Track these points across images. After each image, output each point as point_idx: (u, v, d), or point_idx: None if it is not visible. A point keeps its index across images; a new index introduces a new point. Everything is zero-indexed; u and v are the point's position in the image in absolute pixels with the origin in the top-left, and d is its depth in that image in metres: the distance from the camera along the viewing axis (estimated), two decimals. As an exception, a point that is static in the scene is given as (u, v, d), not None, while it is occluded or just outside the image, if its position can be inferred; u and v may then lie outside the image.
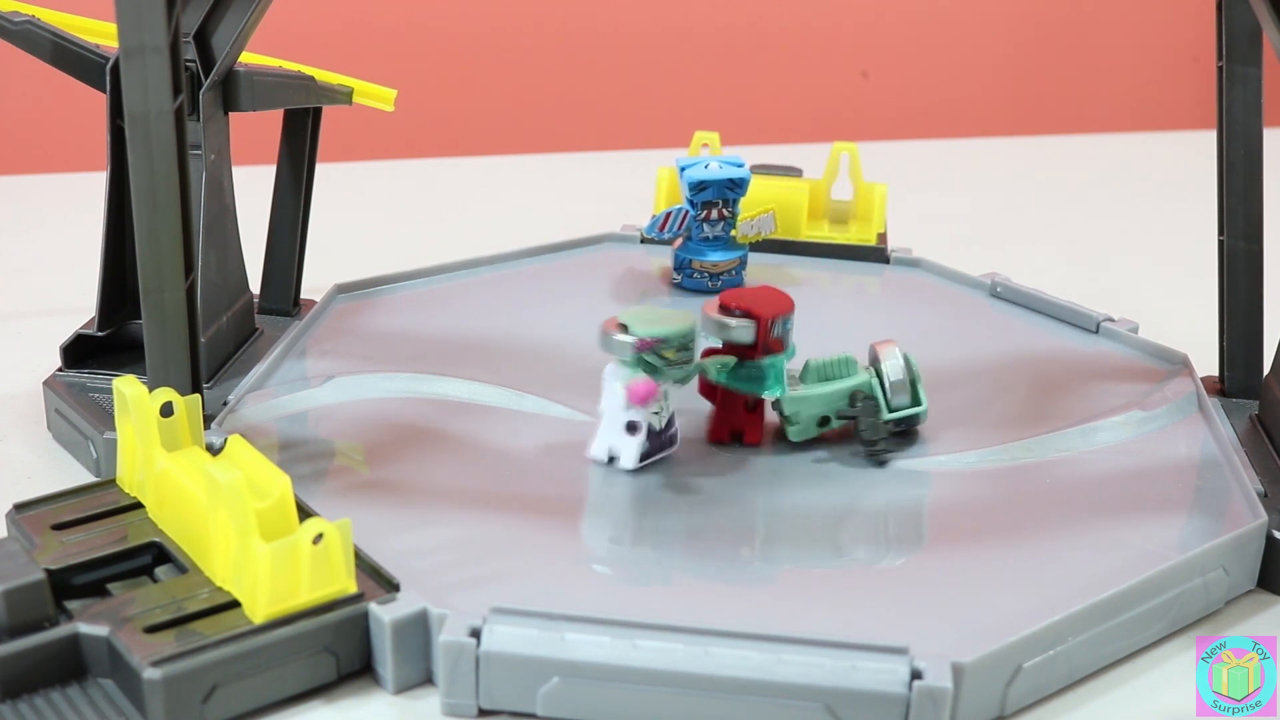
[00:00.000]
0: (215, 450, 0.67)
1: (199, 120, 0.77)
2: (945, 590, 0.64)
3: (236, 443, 0.63)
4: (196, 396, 0.67)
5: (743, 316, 0.73)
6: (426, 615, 0.59)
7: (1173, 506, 0.71)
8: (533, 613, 0.58)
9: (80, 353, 0.80)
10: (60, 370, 0.80)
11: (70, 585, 0.60)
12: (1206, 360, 0.86)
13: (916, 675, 0.56)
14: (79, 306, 0.88)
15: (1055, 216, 1.32)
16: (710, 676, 0.56)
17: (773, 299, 0.74)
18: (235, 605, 0.58)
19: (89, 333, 0.80)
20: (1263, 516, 0.68)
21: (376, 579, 0.60)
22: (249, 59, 0.83)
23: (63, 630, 0.57)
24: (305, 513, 0.63)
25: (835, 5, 1.69)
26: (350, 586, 0.59)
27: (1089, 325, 0.91)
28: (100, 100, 0.77)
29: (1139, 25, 1.78)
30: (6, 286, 1.05)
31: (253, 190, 0.90)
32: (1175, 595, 0.64)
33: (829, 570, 0.66)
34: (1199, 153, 1.09)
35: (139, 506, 0.65)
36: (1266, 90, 0.80)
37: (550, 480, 0.72)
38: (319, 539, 0.58)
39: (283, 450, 0.73)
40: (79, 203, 1.22)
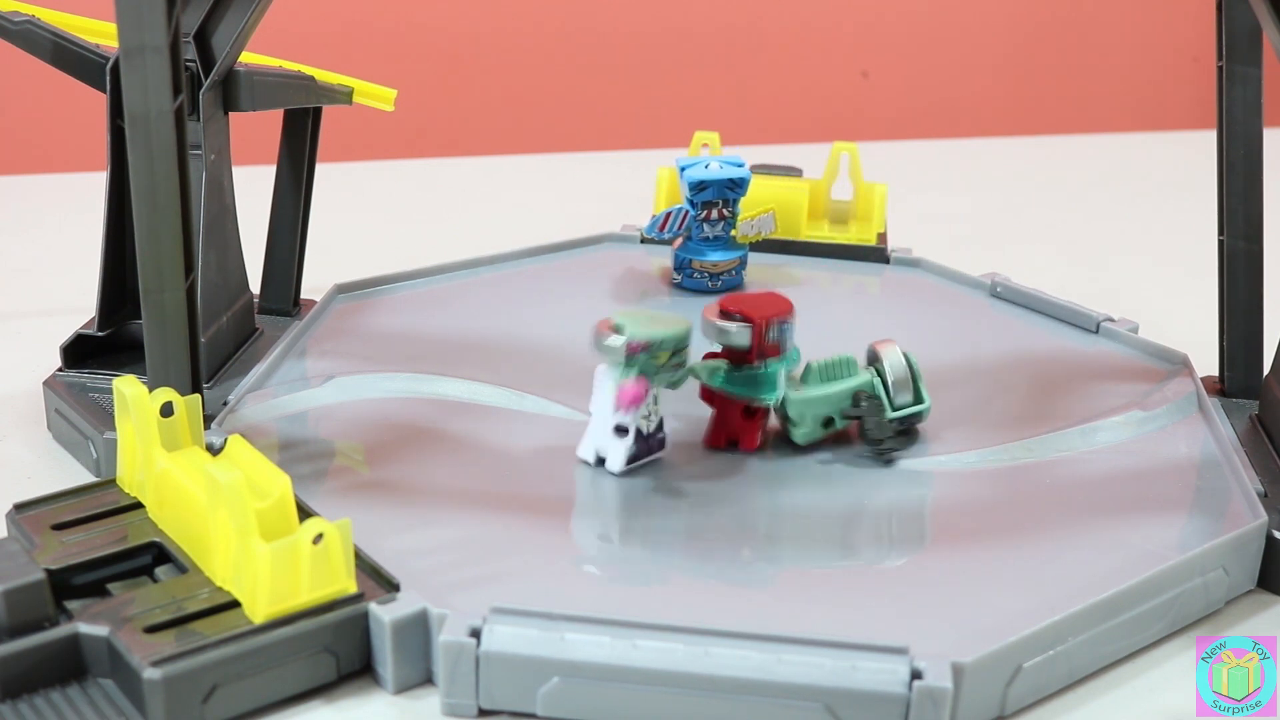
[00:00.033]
0: (215, 450, 0.67)
1: (199, 120, 0.77)
2: (945, 590, 0.64)
3: (236, 443, 0.63)
4: (196, 396, 0.67)
5: (739, 320, 0.73)
6: (426, 615, 0.59)
7: (1173, 506, 0.71)
8: (533, 613, 0.58)
9: (80, 353, 0.80)
10: (60, 370, 0.80)
11: (70, 585, 0.60)
12: (1206, 360, 0.86)
13: (916, 675, 0.56)
14: (79, 306, 0.88)
15: (1055, 216, 1.32)
16: (710, 676, 0.56)
17: (771, 303, 0.74)
18: (235, 605, 0.58)
19: (89, 333, 0.80)
20: (1263, 516, 0.68)
21: (376, 579, 0.60)
22: (249, 59, 0.83)
23: (63, 630, 0.57)
24: (305, 513, 0.63)
25: (835, 5, 1.69)
26: (350, 586, 0.59)
27: (1089, 325, 0.91)
28: (100, 100, 0.77)
29: (1139, 25, 1.78)
30: (6, 286, 1.05)
31: (253, 190, 0.90)
32: (1175, 595, 0.64)
33: (829, 570, 0.66)
34: (1199, 153, 1.09)
35: (139, 506, 0.65)
36: (1266, 90, 0.80)
37: (550, 480, 0.72)
38: (319, 539, 0.58)
39: (283, 450, 0.73)
40: (79, 203, 1.22)
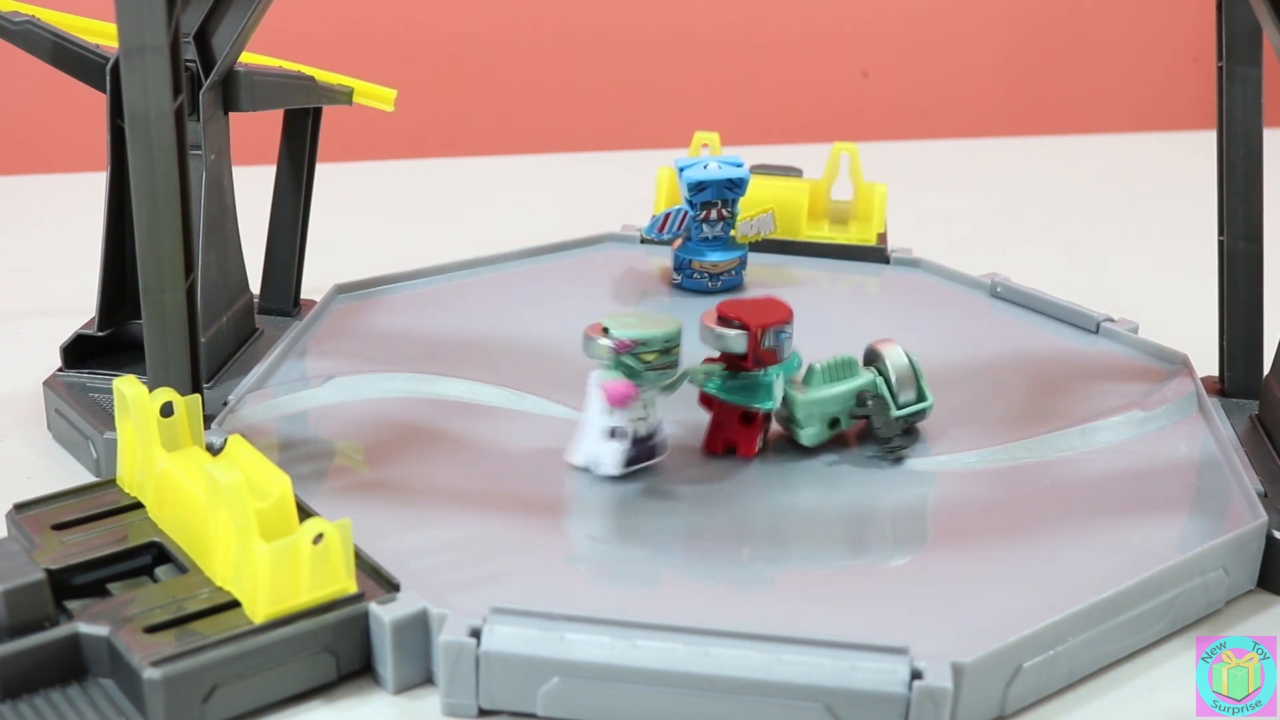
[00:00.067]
0: (215, 450, 0.67)
1: (199, 120, 0.77)
2: (945, 590, 0.64)
3: (236, 443, 0.63)
4: (196, 396, 0.67)
5: (736, 326, 0.72)
6: (426, 615, 0.59)
7: (1173, 506, 0.71)
8: (533, 613, 0.58)
9: (80, 353, 0.80)
10: (60, 370, 0.80)
11: (70, 585, 0.60)
12: (1206, 360, 0.86)
13: (916, 675, 0.56)
14: (79, 306, 0.88)
15: (1055, 216, 1.32)
16: (710, 676, 0.56)
17: (769, 310, 0.73)
18: (235, 605, 0.58)
19: (89, 333, 0.80)
20: (1263, 516, 0.68)
21: (376, 579, 0.60)
22: (249, 59, 0.83)
23: (63, 630, 0.57)
24: (305, 513, 0.63)
25: (835, 5, 1.69)
26: (350, 586, 0.59)
27: (1089, 325, 0.91)
28: (100, 100, 0.77)
29: (1139, 25, 1.78)
30: (6, 286, 1.05)
31: (253, 190, 0.90)
32: (1175, 595, 0.64)
33: (829, 570, 0.66)
34: (1199, 153, 1.09)
35: (139, 506, 0.65)
36: (1266, 90, 0.80)
37: (550, 480, 0.72)
38: (319, 539, 0.58)
39: (283, 450, 0.73)
40: (79, 203, 1.22)
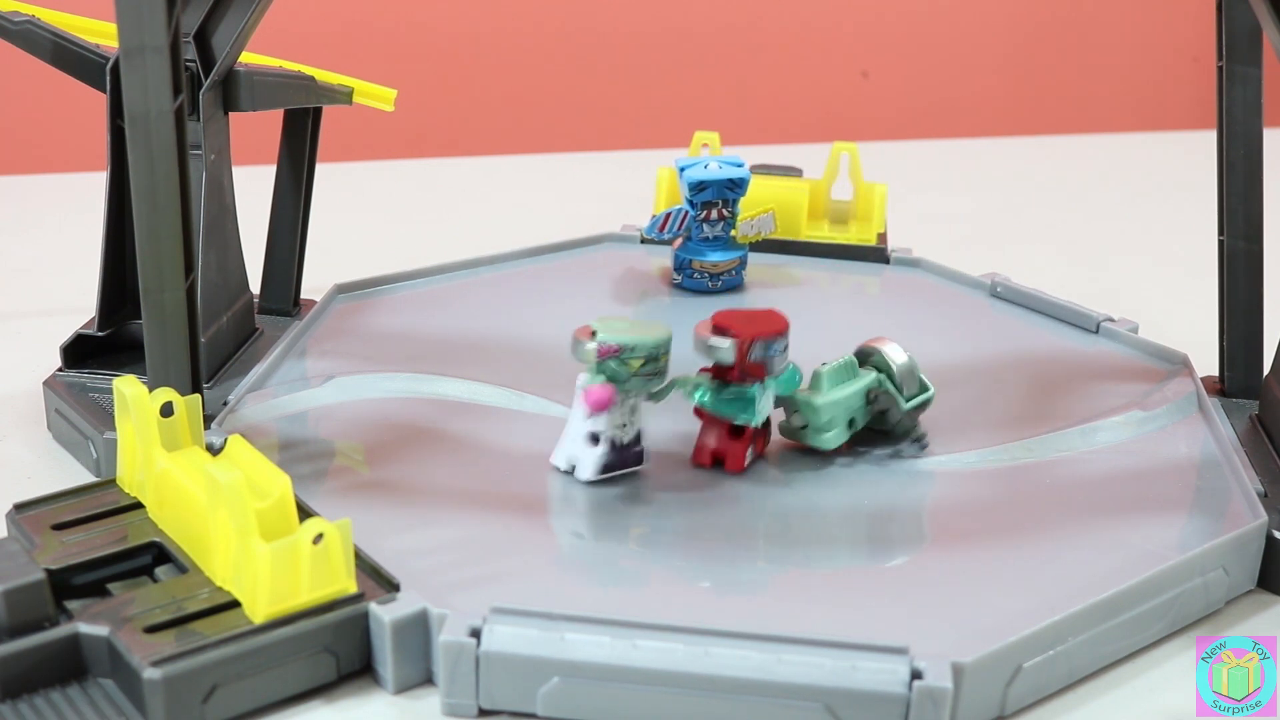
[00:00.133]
0: (215, 450, 0.67)
1: (199, 120, 0.77)
2: (945, 590, 0.64)
3: (236, 443, 0.63)
4: (196, 396, 0.67)
5: (727, 336, 0.70)
6: (426, 615, 0.59)
7: (1173, 506, 0.71)
8: (533, 613, 0.58)
9: (80, 353, 0.80)
10: (60, 370, 0.80)
11: (70, 585, 0.60)
12: (1206, 360, 0.86)
13: (916, 675, 0.56)
14: (79, 306, 0.88)
15: (1055, 216, 1.32)
16: (710, 676, 0.56)
17: (764, 321, 0.71)
18: (235, 605, 0.58)
19: (89, 333, 0.80)
20: (1263, 516, 0.68)
21: (376, 579, 0.60)
22: (249, 59, 0.83)
23: (63, 630, 0.57)
24: (305, 513, 0.63)
25: (835, 5, 1.69)
26: (350, 586, 0.59)
27: (1089, 325, 0.91)
28: (100, 100, 0.77)
29: (1139, 25, 1.78)
30: (6, 286, 1.05)
31: (253, 190, 0.90)
32: (1175, 595, 0.64)
33: (829, 570, 0.66)
34: (1199, 153, 1.09)
35: (139, 506, 0.65)
36: (1266, 90, 0.80)
37: (550, 481, 0.72)
38: (319, 539, 0.58)
39: (283, 450, 0.73)
40: (79, 203, 1.22)
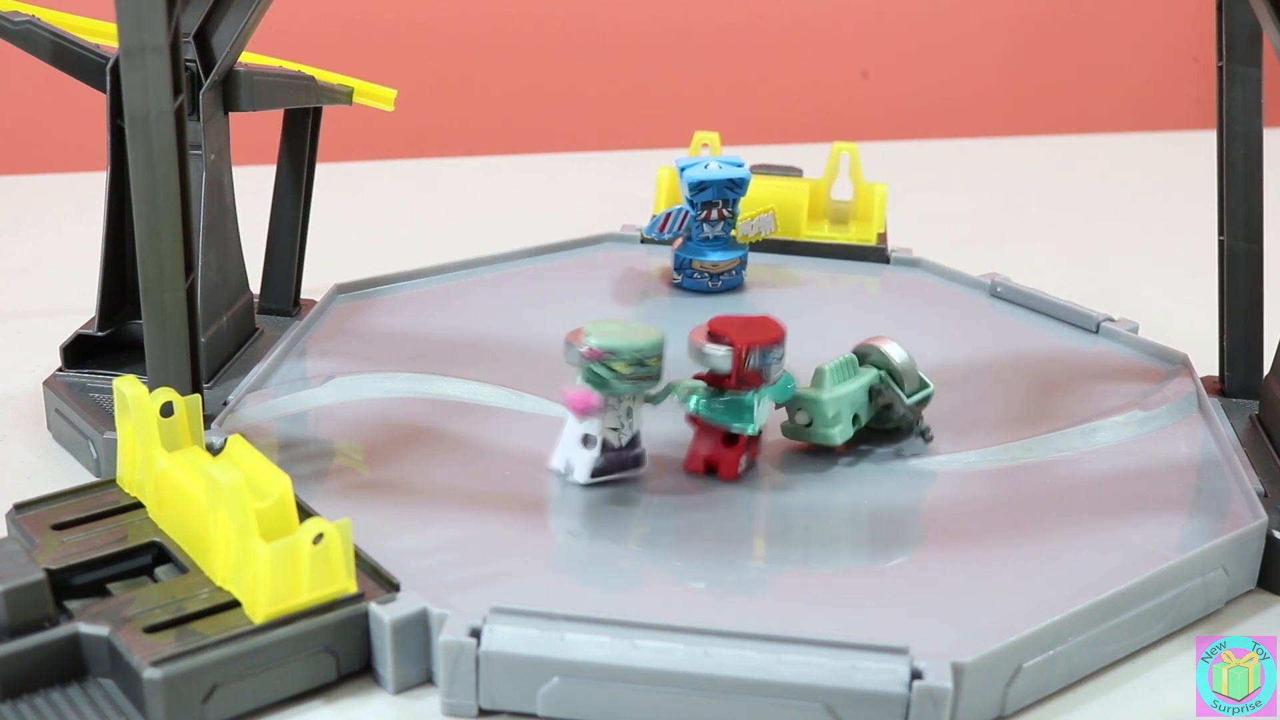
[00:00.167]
0: (215, 450, 0.67)
1: (199, 120, 0.77)
2: (945, 590, 0.64)
3: (236, 443, 0.63)
4: (196, 396, 0.67)
5: (723, 344, 0.70)
6: (426, 615, 0.59)
7: (1173, 506, 0.71)
8: (533, 613, 0.58)
9: (80, 353, 0.80)
10: (60, 370, 0.80)
11: (70, 585, 0.60)
12: (1206, 360, 0.86)
13: (916, 675, 0.56)
14: (79, 306, 0.88)
15: (1055, 216, 1.32)
16: (710, 676, 0.56)
17: (760, 328, 0.71)
18: (235, 605, 0.58)
19: (89, 333, 0.80)
20: (1263, 516, 0.68)
21: (376, 579, 0.60)
22: (249, 59, 0.83)
23: (63, 630, 0.57)
24: (305, 513, 0.63)
25: (835, 5, 1.69)
26: (350, 586, 0.59)
27: (1089, 325, 0.91)
28: (100, 100, 0.77)
29: (1139, 25, 1.78)
30: (6, 286, 1.05)
31: (253, 190, 0.90)
32: (1175, 595, 0.64)
33: (829, 570, 0.66)
34: (1199, 153, 1.09)
35: (139, 506, 0.65)
36: (1266, 90, 0.80)
37: (550, 481, 0.72)
38: (319, 539, 0.58)
39: (283, 450, 0.73)
40: (79, 203, 1.22)
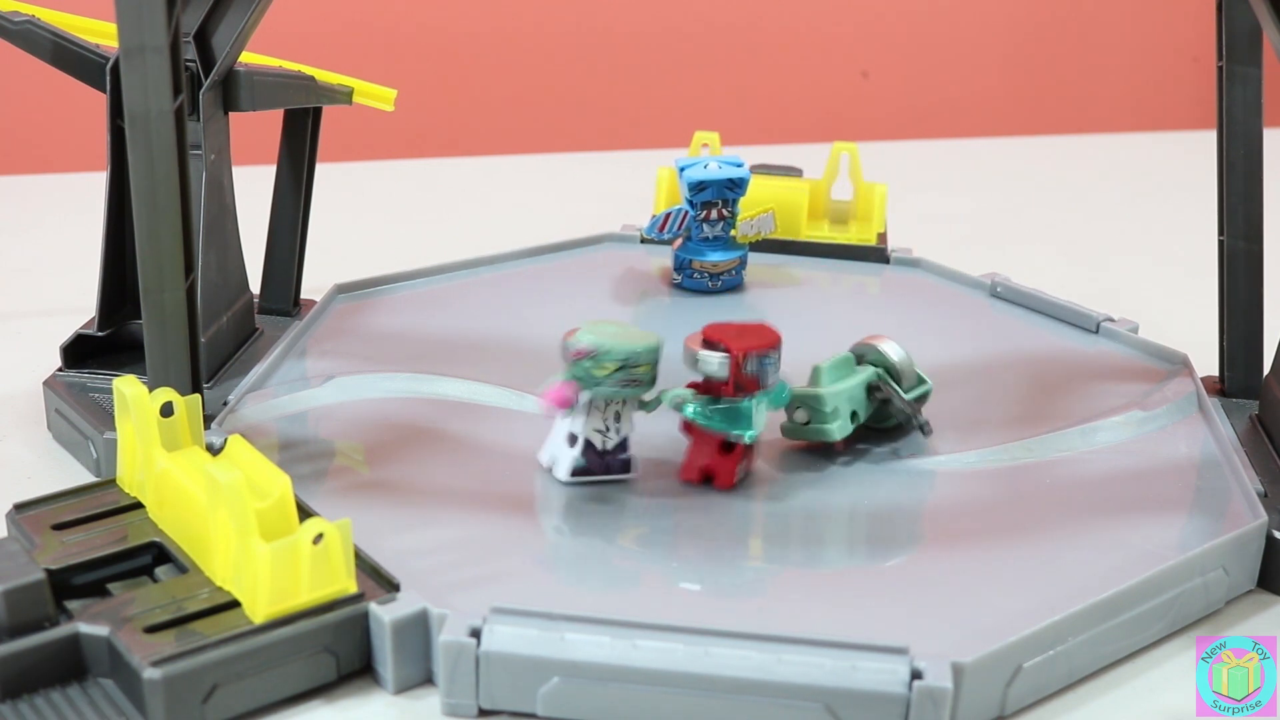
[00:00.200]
0: (215, 450, 0.67)
1: (199, 120, 0.77)
2: (945, 590, 0.64)
3: (236, 443, 0.63)
4: (196, 396, 0.67)
5: (719, 350, 0.70)
6: (426, 615, 0.59)
7: (1173, 506, 0.71)
8: (533, 613, 0.58)
9: (80, 353, 0.80)
10: (60, 370, 0.80)
11: (70, 585, 0.60)
12: (1206, 360, 0.86)
13: (916, 675, 0.56)
14: (79, 306, 0.88)
15: (1055, 216, 1.32)
16: (710, 676, 0.56)
17: (755, 334, 0.71)
18: (235, 605, 0.58)
19: (89, 333, 0.80)
20: (1263, 516, 0.68)
21: (376, 579, 0.60)
22: (249, 59, 0.83)
23: (63, 630, 0.57)
24: (305, 513, 0.63)
25: (835, 5, 1.69)
26: (350, 586, 0.59)
27: (1089, 325, 0.91)
28: (100, 100, 0.77)
29: (1139, 25, 1.78)
30: (6, 286, 1.05)
31: (253, 190, 0.90)
32: (1175, 595, 0.64)
33: (829, 570, 0.66)
34: (1199, 153, 1.09)
35: (139, 506, 0.65)
36: (1266, 90, 0.80)
37: (550, 481, 0.72)
38: (319, 539, 0.58)
39: (283, 450, 0.73)
40: (79, 203, 1.22)
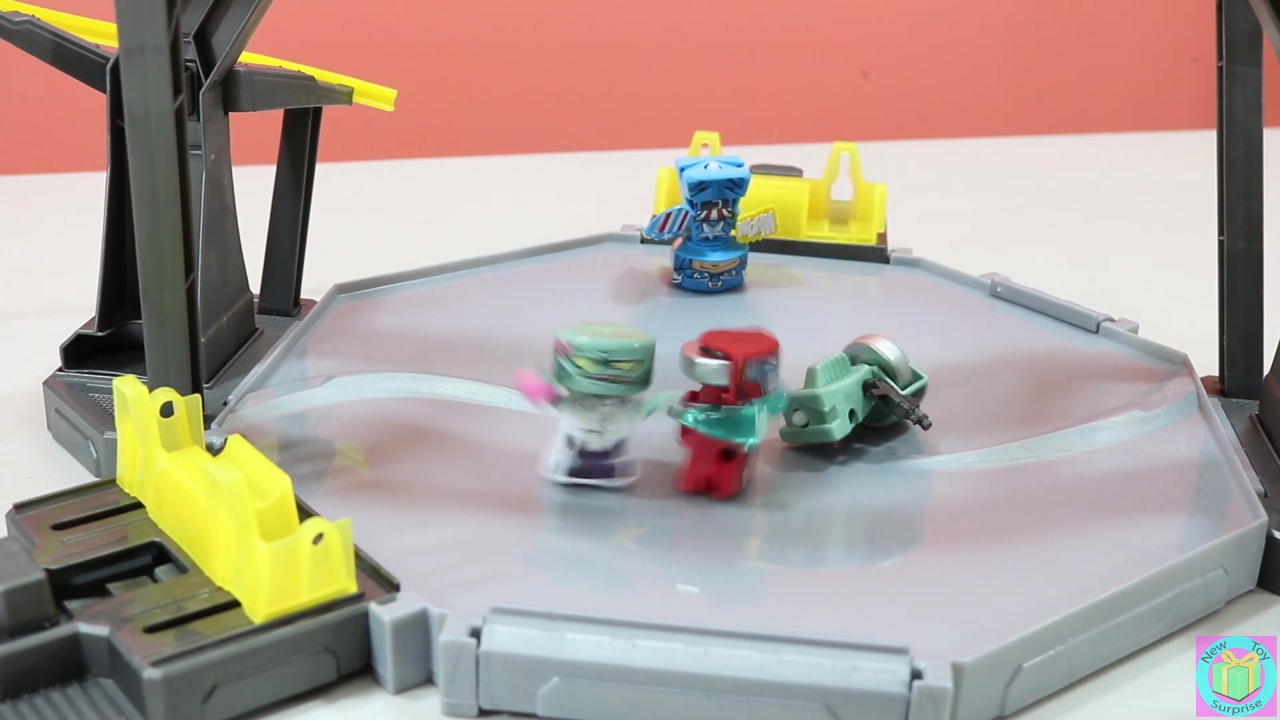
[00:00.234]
0: (215, 450, 0.67)
1: (199, 120, 0.77)
2: (945, 590, 0.64)
3: (236, 443, 0.63)
4: (196, 396, 0.67)
5: (718, 357, 0.69)
6: (426, 615, 0.59)
7: (1173, 506, 0.71)
8: (533, 613, 0.58)
9: (80, 353, 0.80)
10: (60, 370, 0.80)
11: (70, 585, 0.60)
12: (1206, 360, 0.86)
13: (916, 675, 0.56)
14: (79, 306, 0.88)
15: (1055, 216, 1.32)
16: (710, 676, 0.56)
17: (754, 341, 0.70)
18: (235, 605, 0.58)
19: (89, 333, 0.80)
20: (1263, 516, 0.68)
21: (376, 579, 0.60)
22: (249, 59, 0.83)
23: (63, 630, 0.57)
24: (305, 513, 0.63)
25: (835, 5, 1.69)
26: (350, 586, 0.59)
27: (1089, 325, 0.91)
28: (100, 100, 0.77)
29: (1139, 25, 1.78)
30: (6, 286, 1.05)
31: (253, 190, 0.90)
32: (1175, 595, 0.64)
33: (829, 570, 0.66)
34: (1199, 153, 1.09)
35: (139, 506, 0.65)
36: (1266, 90, 0.80)
37: (549, 481, 0.72)
38: (319, 539, 0.58)
39: (283, 450, 0.73)
40: (79, 203, 1.22)
